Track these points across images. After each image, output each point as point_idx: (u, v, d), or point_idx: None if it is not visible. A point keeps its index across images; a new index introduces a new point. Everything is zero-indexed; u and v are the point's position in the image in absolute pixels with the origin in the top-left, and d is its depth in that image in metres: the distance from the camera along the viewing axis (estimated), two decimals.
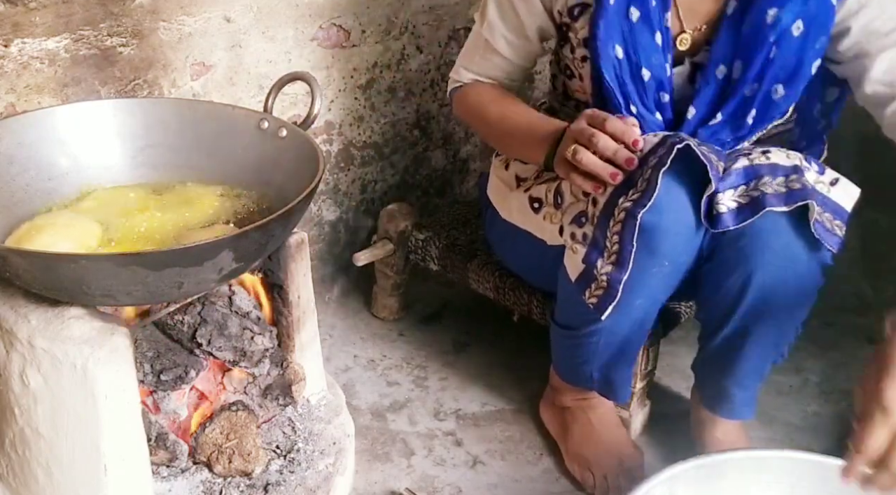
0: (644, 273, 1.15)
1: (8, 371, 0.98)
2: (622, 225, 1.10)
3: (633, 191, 1.09)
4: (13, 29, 1.24)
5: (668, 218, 1.11)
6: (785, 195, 1.09)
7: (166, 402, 1.15)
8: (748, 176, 1.11)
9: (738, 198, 1.11)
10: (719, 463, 1.12)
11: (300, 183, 1.02)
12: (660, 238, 1.12)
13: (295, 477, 1.19)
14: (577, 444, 1.39)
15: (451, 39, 1.88)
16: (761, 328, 1.21)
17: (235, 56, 1.53)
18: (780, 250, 1.13)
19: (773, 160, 1.12)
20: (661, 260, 1.15)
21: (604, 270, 1.14)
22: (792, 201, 1.09)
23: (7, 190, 1.09)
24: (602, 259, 1.14)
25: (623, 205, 1.10)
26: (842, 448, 0.95)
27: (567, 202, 1.23)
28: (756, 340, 1.22)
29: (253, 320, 1.19)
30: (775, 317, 1.20)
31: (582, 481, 1.37)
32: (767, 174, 1.11)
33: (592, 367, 1.32)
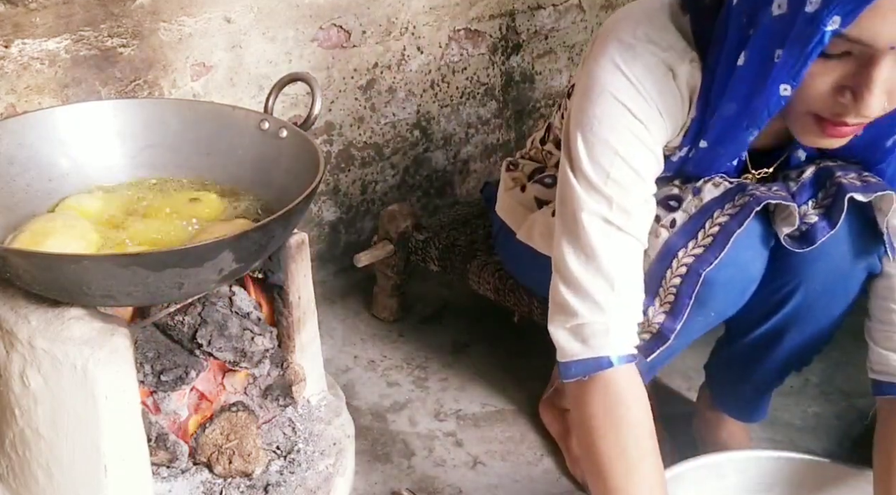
0: (690, 320, 1.10)
1: (8, 371, 0.98)
2: (682, 279, 1.04)
3: (693, 244, 1.04)
4: (13, 29, 1.25)
5: (729, 273, 1.06)
6: (862, 186, 1.04)
7: (166, 403, 1.15)
8: (819, 178, 1.06)
9: (821, 202, 1.06)
10: (720, 463, 1.12)
11: (300, 183, 1.02)
12: (715, 293, 1.08)
13: (295, 478, 1.19)
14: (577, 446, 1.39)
15: (452, 40, 1.88)
16: (794, 335, 1.18)
17: (236, 57, 1.53)
18: (837, 259, 1.09)
19: (839, 162, 1.07)
20: (709, 312, 1.11)
21: (656, 319, 1.08)
22: (871, 191, 1.03)
23: (7, 190, 1.09)
24: (653, 307, 1.08)
25: (683, 259, 1.05)
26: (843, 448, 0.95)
27: None
28: (785, 347, 1.20)
29: (253, 321, 1.19)
30: (812, 324, 1.17)
31: (583, 482, 1.37)
32: (838, 170, 1.05)
33: None
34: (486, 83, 2.01)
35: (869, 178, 1.05)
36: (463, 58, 1.92)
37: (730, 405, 1.35)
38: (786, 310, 1.15)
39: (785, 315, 1.16)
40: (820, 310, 1.16)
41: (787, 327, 1.18)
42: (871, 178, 1.05)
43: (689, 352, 1.42)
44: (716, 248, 1.03)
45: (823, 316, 1.17)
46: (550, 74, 2.13)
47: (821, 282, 1.12)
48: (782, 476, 1.13)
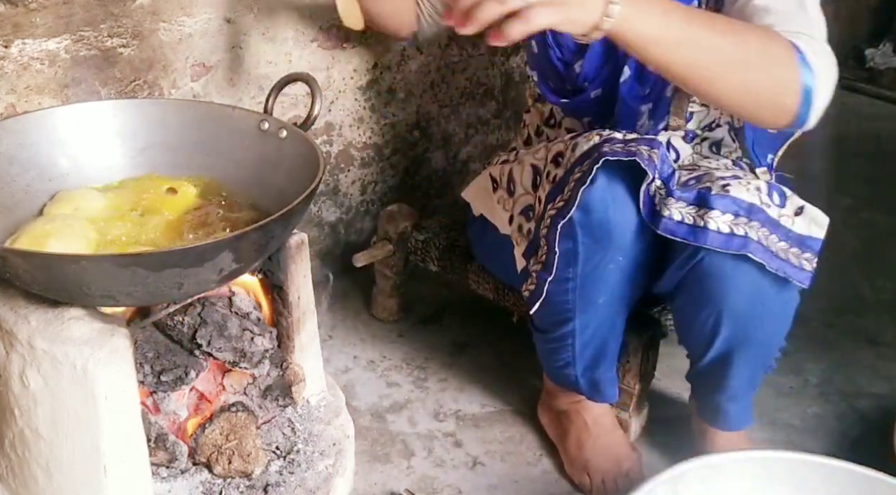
0: (599, 268, 1.16)
1: (8, 372, 0.98)
2: (547, 230, 1.14)
3: (559, 198, 1.13)
4: (13, 30, 1.25)
5: (613, 211, 1.12)
6: (726, 236, 1.07)
7: (166, 403, 1.14)
8: (700, 200, 1.08)
9: (688, 215, 1.09)
10: (721, 463, 1.12)
11: (300, 184, 1.02)
12: (607, 231, 1.13)
13: (295, 478, 1.19)
14: (574, 448, 1.39)
15: (452, 40, 1.88)
16: (743, 353, 1.20)
17: (236, 57, 1.53)
18: (747, 292, 1.12)
19: (731, 192, 1.07)
20: (613, 254, 1.16)
21: (533, 268, 1.18)
22: (728, 246, 1.07)
23: (7, 191, 1.09)
24: (534, 257, 1.18)
25: (549, 212, 1.14)
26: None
27: (518, 192, 1.26)
28: (741, 361, 1.22)
29: (253, 321, 1.19)
30: (755, 343, 1.20)
31: (580, 485, 1.37)
32: (719, 207, 1.07)
33: (576, 371, 1.32)
34: (486, 84, 2.01)
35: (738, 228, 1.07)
36: (462, 58, 1.92)
37: (712, 416, 1.35)
38: (722, 337, 1.18)
39: (724, 341, 1.18)
40: (756, 333, 1.18)
41: (733, 351, 1.20)
42: (740, 229, 1.07)
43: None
44: (569, 205, 1.11)
45: (763, 336, 1.19)
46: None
47: (741, 311, 1.14)
48: (783, 476, 1.13)
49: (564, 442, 1.42)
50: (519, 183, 1.27)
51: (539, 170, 1.23)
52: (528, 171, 1.25)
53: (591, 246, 1.14)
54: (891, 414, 1.46)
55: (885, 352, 1.73)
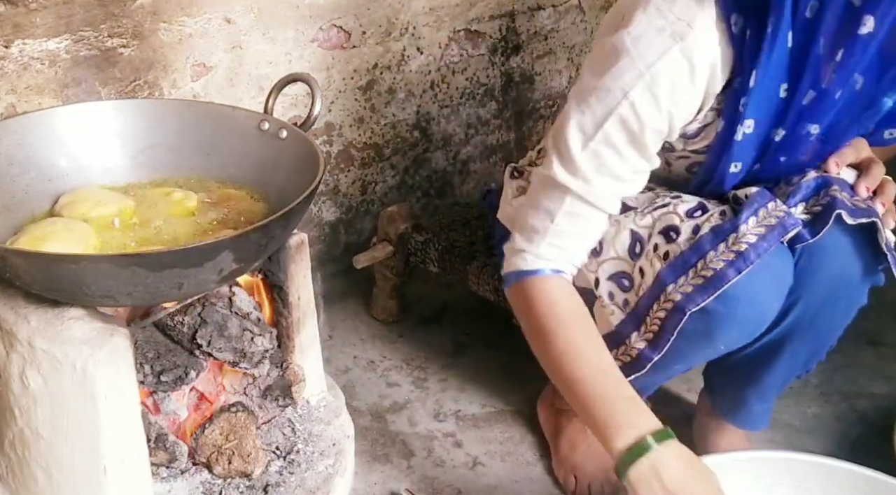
0: (693, 352, 1.12)
1: (8, 372, 0.98)
2: (666, 313, 1.06)
3: (684, 280, 1.05)
4: (14, 30, 1.25)
5: (745, 312, 1.06)
6: (852, 208, 1.05)
7: (166, 403, 1.14)
8: (818, 186, 1.08)
9: (811, 208, 1.07)
10: (722, 463, 1.12)
11: (300, 184, 1.02)
12: (724, 328, 1.08)
13: (294, 478, 1.19)
14: (567, 448, 1.39)
15: (452, 41, 1.88)
16: (796, 346, 1.18)
17: (236, 57, 1.53)
18: (837, 273, 1.10)
19: (840, 176, 1.09)
20: (717, 346, 1.12)
21: (636, 344, 1.10)
22: (860, 216, 1.05)
23: (7, 191, 1.09)
24: (637, 333, 1.09)
25: (672, 294, 1.05)
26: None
27: (607, 255, 1.13)
28: (787, 357, 1.20)
29: (253, 321, 1.19)
30: (816, 332, 1.17)
31: (564, 484, 1.37)
32: (837, 184, 1.07)
33: None
34: (486, 84, 2.01)
35: (859, 203, 1.07)
36: (463, 58, 1.92)
37: (732, 413, 1.34)
38: (787, 322, 1.16)
39: (786, 326, 1.16)
40: (822, 322, 1.16)
41: (789, 338, 1.18)
42: (862, 204, 1.07)
43: None
44: (706, 289, 1.03)
45: (826, 327, 1.17)
46: (550, 75, 2.13)
47: (822, 294, 1.12)
48: (783, 476, 1.13)
49: (557, 440, 1.41)
50: (610, 245, 1.13)
51: (641, 239, 1.11)
52: (626, 237, 1.12)
53: (697, 334, 1.07)
54: (891, 414, 1.46)
55: (886, 352, 1.73)
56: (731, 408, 1.34)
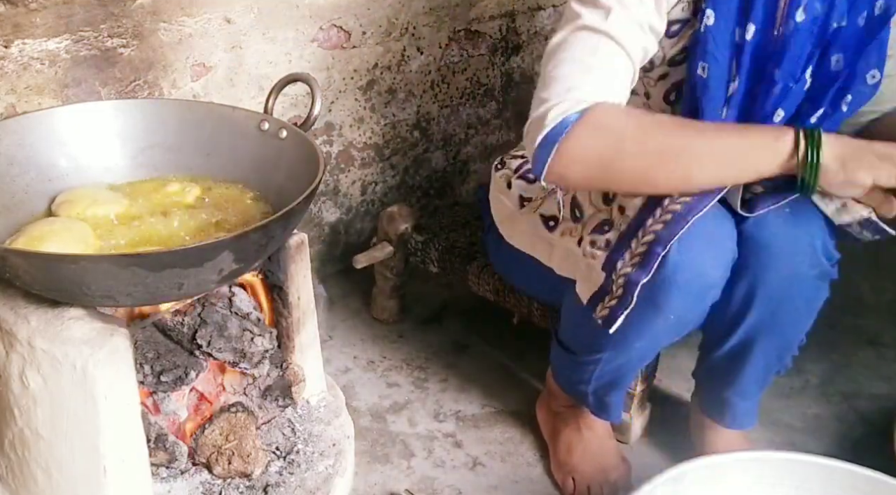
0: (646, 322, 1.13)
1: (8, 372, 0.98)
2: (663, 224, 1.05)
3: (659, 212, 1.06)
4: (14, 30, 1.24)
5: (685, 276, 1.07)
6: None
7: (166, 403, 1.14)
8: None
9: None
10: (722, 463, 1.12)
11: (300, 184, 1.02)
12: (669, 294, 1.09)
13: (294, 479, 1.19)
14: (564, 450, 1.39)
15: (452, 41, 1.88)
16: (766, 340, 1.20)
17: (236, 57, 1.53)
18: (787, 272, 1.12)
19: None
20: (667, 315, 1.12)
21: (622, 271, 1.08)
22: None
23: (7, 191, 1.09)
24: (622, 260, 1.09)
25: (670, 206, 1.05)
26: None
27: (587, 214, 1.19)
28: (760, 352, 1.22)
29: (253, 321, 1.19)
30: (780, 330, 1.19)
31: (562, 486, 1.37)
32: None
33: (588, 388, 1.31)
34: (486, 84, 2.01)
35: None
36: (463, 58, 1.92)
37: (718, 413, 1.35)
38: (749, 322, 1.17)
39: (749, 326, 1.18)
40: (784, 318, 1.17)
41: (755, 337, 1.19)
42: None
43: (689, 355, 1.42)
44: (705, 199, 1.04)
45: (789, 322, 1.18)
46: None
47: (776, 292, 1.13)
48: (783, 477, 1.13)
49: (555, 443, 1.42)
50: (586, 203, 1.18)
51: None
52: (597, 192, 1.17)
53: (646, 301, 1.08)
54: (891, 414, 1.46)
55: (886, 352, 1.73)
56: (717, 409, 1.35)
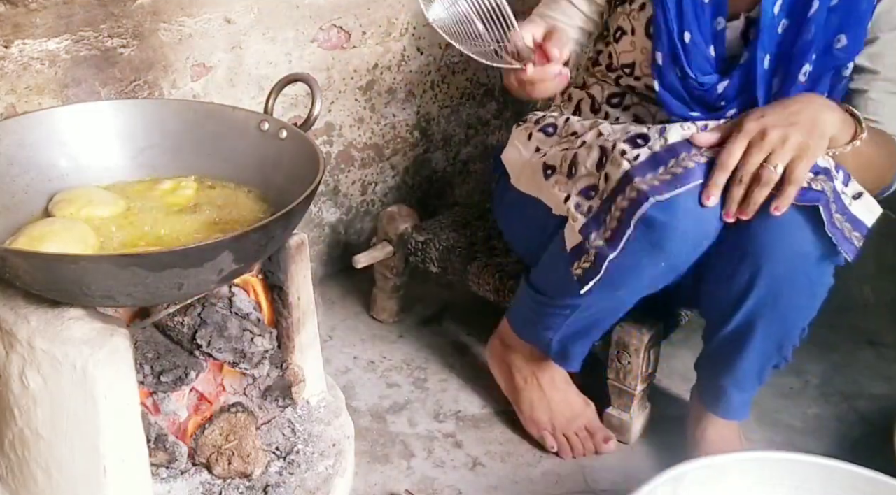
0: (638, 266, 1.15)
1: (7, 372, 0.98)
2: (629, 202, 1.09)
3: (653, 175, 1.08)
4: (14, 30, 1.24)
5: (683, 221, 1.09)
6: (802, 190, 1.06)
7: (166, 404, 1.14)
8: None
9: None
10: (723, 464, 1.12)
11: (300, 184, 1.02)
12: (667, 238, 1.11)
13: (294, 479, 1.19)
14: (529, 408, 1.46)
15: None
16: (766, 325, 1.20)
17: (236, 57, 1.53)
18: (794, 245, 1.11)
19: None
20: (659, 259, 1.14)
21: (595, 243, 1.14)
22: (803, 199, 1.06)
23: (7, 191, 1.09)
24: (597, 232, 1.13)
25: (639, 184, 1.08)
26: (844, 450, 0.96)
27: (580, 173, 1.22)
28: (760, 338, 1.21)
29: (253, 321, 1.19)
30: (781, 315, 1.19)
31: (541, 441, 1.44)
32: None
33: (554, 336, 1.34)
34: (486, 84, 2.01)
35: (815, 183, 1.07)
36: (463, 58, 1.92)
37: (714, 402, 1.35)
38: (752, 302, 1.17)
39: (755, 300, 1.17)
40: (785, 301, 1.17)
41: (757, 320, 1.19)
42: (817, 185, 1.07)
43: (689, 355, 1.42)
44: (671, 185, 1.07)
45: (791, 306, 1.18)
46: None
47: (781, 271, 1.13)
48: (783, 477, 1.13)
49: (518, 400, 1.48)
50: (582, 165, 1.22)
51: (607, 151, 1.18)
52: (596, 153, 1.20)
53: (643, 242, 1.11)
54: (891, 414, 1.46)
55: (886, 352, 1.73)
56: (713, 398, 1.35)
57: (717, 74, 1.24)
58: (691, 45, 1.21)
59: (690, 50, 1.22)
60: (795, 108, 1.08)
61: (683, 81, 1.25)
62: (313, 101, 1.13)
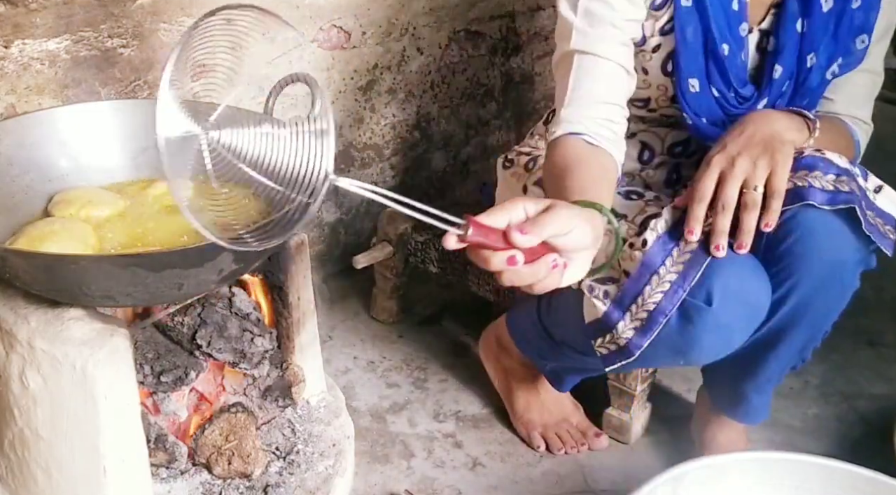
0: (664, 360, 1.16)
1: (7, 372, 0.98)
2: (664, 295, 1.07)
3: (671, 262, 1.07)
4: (14, 30, 1.24)
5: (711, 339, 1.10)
6: (831, 194, 1.06)
7: (166, 404, 1.14)
8: (799, 166, 1.08)
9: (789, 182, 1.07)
10: (723, 464, 1.12)
11: None
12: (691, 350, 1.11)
13: (294, 479, 1.19)
14: (523, 408, 1.47)
15: (452, 41, 1.88)
16: (793, 334, 1.18)
17: (236, 57, 1.53)
18: (831, 257, 1.10)
19: (827, 156, 1.09)
20: (677, 360, 1.15)
21: (624, 334, 1.11)
22: (836, 202, 1.05)
23: (7, 191, 1.09)
24: (624, 321, 1.11)
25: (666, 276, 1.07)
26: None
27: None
28: (785, 346, 1.20)
29: (253, 322, 1.19)
30: (810, 321, 1.17)
31: (530, 441, 1.46)
32: (820, 168, 1.07)
33: (549, 364, 1.37)
34: (486, 84, 2.01)
35: (842, 185, 1.06)
36: (463, 59, 1.92)
37: (732, 407, 1.34)
38: (783, 311, 1.15)
39: (782, 316, 1.16)
40: (817, 308, 1.16)
41: (787, 328, 1.18)
42: (845, 186, 1.06)
43: None
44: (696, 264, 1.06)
45: (821, 312, 1.17)
46: (550, 75, 2.13)
47: (816, 280, 1.12)
48: (783, 477, 1.13)
49: (511, 400, 1.49)
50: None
51: None
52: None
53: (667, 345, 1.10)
54: (891, 415, 1.46)
55: (886, 352, 1.73)
56: (731, 402, 1.34)
57: (752, 85, 1.23)
58: (730, 57, 1.18)
59: (730, 62, 1.18)
60: (750, 130, 1.09)
61: (721, 100, 1.22)
62: (313, 101, 1.13)
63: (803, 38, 1.18)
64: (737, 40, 1.19)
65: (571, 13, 1.15)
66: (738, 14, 1.17)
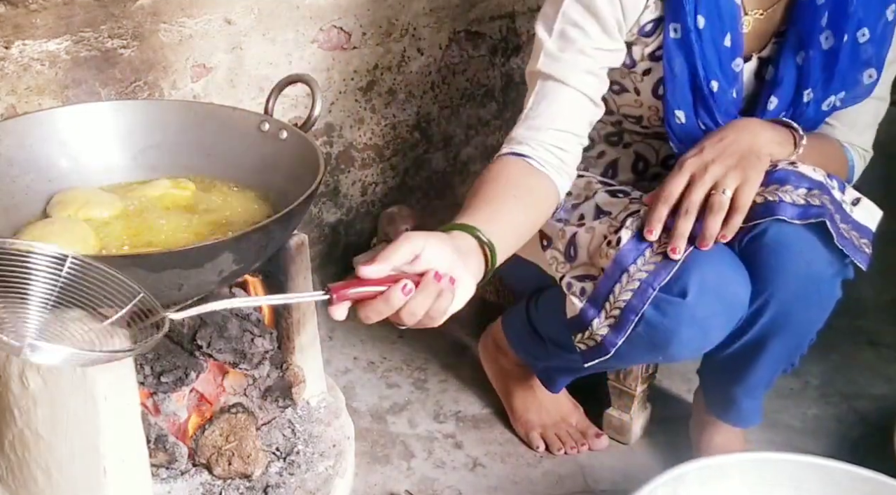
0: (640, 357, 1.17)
1: (7, 372, 0.98)
2: (632, 293, 1.08)
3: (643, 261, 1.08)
4: (14, 30, 1.25)
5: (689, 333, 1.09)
6: (802, 208, 1.06)
7: (166, 404, 1.14)
8: (770, 180, 1.08)
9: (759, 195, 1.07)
10: (723, 464, 1.12)
11: (300, 185, 1.02)
12: (669, 344, 1.10)
13: (294, 480, 1.19)
14: (522, 409, 1.48)
15: (452, 41, 1.88)
16: (776, 342, 1.19)
17: (236, 58, 1.53)
18: (803, 268, 1.10)
19: (799, 169, 1.08)
20: (657, 355, 1.16)
21: (600, 331, 1.11)
22: (806, 216, 1.05)
23: (7, 192, 1.09)
24: (599, 319, 1.11)
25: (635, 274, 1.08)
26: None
27: (580, 260, 1.17)
28: (770, 353, 1.20)
29: (253, 322, 1.19)
30: (792, 332, 1.18)
31: (528, 440, 1.46)
32: (792, 182, 1.07)
33: (541, 364, 1.38)
34: (486, 85, 2.01)
35: (813, 199, 1.06)
36: (463, 59, 1.92)
37: (723, 411, 1.35)
38: (762, 322, 1.16)
39: (762, 326, 1.17)
40: (798, 319, 1.16)
41: (768, 337, 1.18)
42: (816, 200, 1.06)
43: None
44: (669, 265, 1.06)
45: (803, 323, 1.17)
46: None
47: (792, 293, 1.12)
48: (783, 477, 1.13)
49: (511, 401, 1.50)
50: (584, 249, 1.17)
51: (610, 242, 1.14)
52: (598, 241, 1.16)
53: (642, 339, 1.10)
54: (891, 415, 1.46)
55: (886, 353, 1.73)
56: (722, 406, 1.35)
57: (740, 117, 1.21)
58: (719, 93, 1.17)
59: (718, 98, 1.17)
60: (731, 138, 1.09)
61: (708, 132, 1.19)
62: (313, 101, 1.14)
63: (801, 71, 1.16)
64: (727, 76, 1.16)
65: (546, 34, 1.16)
66: (731, 50, 1.15)
